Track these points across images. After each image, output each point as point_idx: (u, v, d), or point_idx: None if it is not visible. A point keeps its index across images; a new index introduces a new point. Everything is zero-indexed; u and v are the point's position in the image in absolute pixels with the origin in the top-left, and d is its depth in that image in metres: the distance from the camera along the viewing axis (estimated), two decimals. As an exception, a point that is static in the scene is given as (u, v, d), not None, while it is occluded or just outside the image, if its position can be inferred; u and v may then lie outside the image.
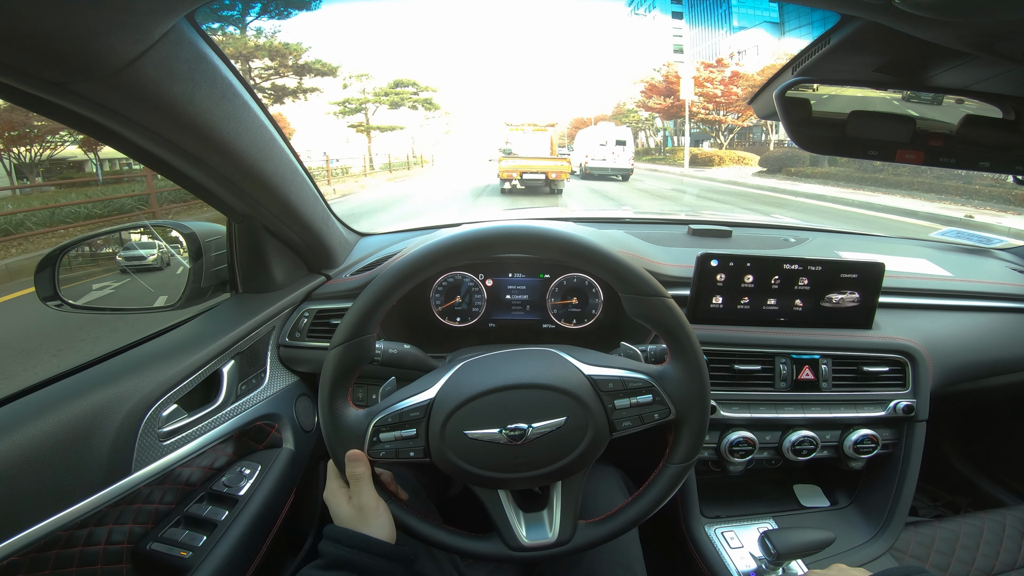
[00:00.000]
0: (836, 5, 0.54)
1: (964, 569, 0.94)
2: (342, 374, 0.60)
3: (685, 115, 22.99)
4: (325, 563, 0.58)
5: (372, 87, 24.05)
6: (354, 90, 23.64)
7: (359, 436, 0.61)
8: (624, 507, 0.63)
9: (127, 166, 12.75)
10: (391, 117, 24.99)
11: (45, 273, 0.87)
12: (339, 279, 1.05)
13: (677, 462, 0.62)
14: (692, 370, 0.60)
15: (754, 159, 20.56)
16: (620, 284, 0.60)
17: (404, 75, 26.52)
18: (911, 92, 0.74)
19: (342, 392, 0.61)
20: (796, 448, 0.94)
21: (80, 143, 12.90)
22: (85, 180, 12.42)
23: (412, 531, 0.63)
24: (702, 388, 0.61)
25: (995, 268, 1.24)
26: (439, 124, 28.56)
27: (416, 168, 25.63)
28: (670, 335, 0.60)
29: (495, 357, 0.65)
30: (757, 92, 0.88)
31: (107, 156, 13.54)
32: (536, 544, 0.61)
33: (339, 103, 23.49)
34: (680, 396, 0.61)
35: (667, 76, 25.27)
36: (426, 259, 0.60)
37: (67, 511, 0.62)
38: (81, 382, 0.70)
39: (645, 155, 29.83)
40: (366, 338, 0.60)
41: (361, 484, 0.61)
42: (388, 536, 0.61)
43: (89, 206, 7.86)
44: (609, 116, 33.03)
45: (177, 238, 0.96)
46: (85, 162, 14.18)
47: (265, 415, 0.92)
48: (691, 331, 0.60)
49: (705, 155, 22.75)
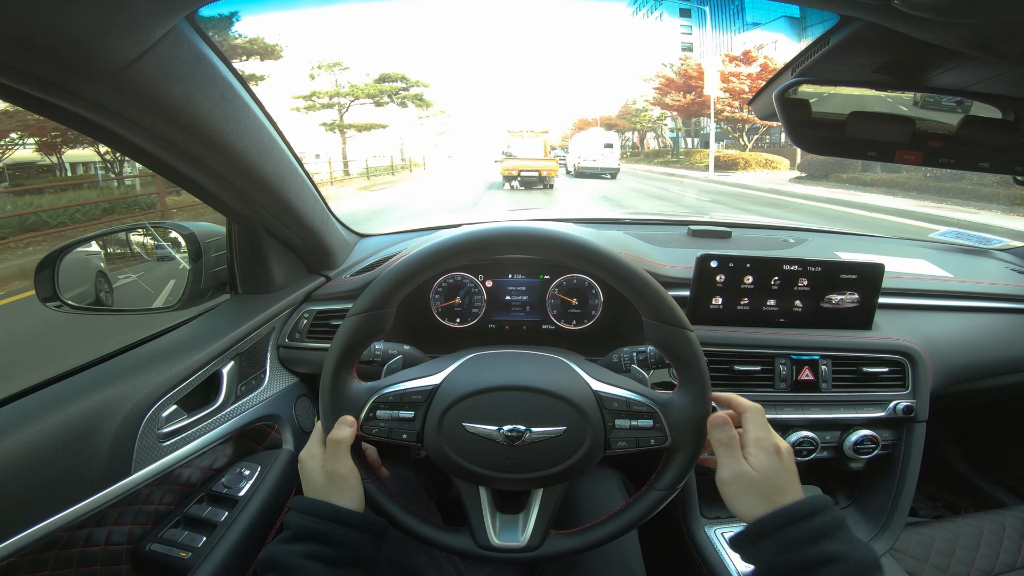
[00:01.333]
0: (836, 5, 0.54)
1: (964, 569, 0.94)
2: (355, 343, 0.59)
3: (710, 112, 21.15)
4: (291, 535, 0.55)
5: (349, 80, 21.58)
6: (325, 82, 21.28)
7: (356, 408, 0.61)
8: (599, 523, 0.63)
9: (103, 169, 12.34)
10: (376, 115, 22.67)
11: (45, 274, 0.87)
12: (339, 280, 1.05)
13: (661, 488, 0.61)
14: (698, 406, 0.60)
15: (783, 162, 18.93)
16: (647, 309, 0.59)
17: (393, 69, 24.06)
18: (911, 93, 0.74)
19: (349, 361, 0.60)
20: (796, 449, 0.94)
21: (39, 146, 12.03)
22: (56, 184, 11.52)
23: (383, 513, 0.62)
24: (703, 423, 0.60)
25: (995, 268, 1.24)
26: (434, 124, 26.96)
27: (404, 173, 23.05)
28: (686, 368, 0.60)
29: (505, 355, 0.65)
30: (757, 93, 0.88)
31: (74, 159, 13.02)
32: (504, 546, 0.61)
33: (305, 96, 21.04)
34: (680, 427, 0.60)
35: (685, 71, 23.52)
36: (468, 244, 0.60)
37: (67, 512, 0.62)
38: (81, 383, 0.70)
39: (656, 157, 28.49)
40: (386, 311, 0.60)
41: (340, 449, 0.59)
42: (357, 506, 0.59)
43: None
44: (615, 116, 32.40)
45: (177, 239, 0.96)
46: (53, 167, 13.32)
47: (265, 416, 0.92)
48: (706, 368, 0.60)
49: (728, 157, 20.47)
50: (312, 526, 0.55)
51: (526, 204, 11.67)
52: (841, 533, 0.50)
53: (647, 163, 28.28)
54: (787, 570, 0.49)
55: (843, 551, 0.48)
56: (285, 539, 0.55)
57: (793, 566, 0.49)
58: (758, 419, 0.57)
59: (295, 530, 0.55)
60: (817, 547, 0.48)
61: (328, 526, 0.55)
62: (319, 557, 0.54)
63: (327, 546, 0.55)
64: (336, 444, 0.59)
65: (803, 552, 0.49)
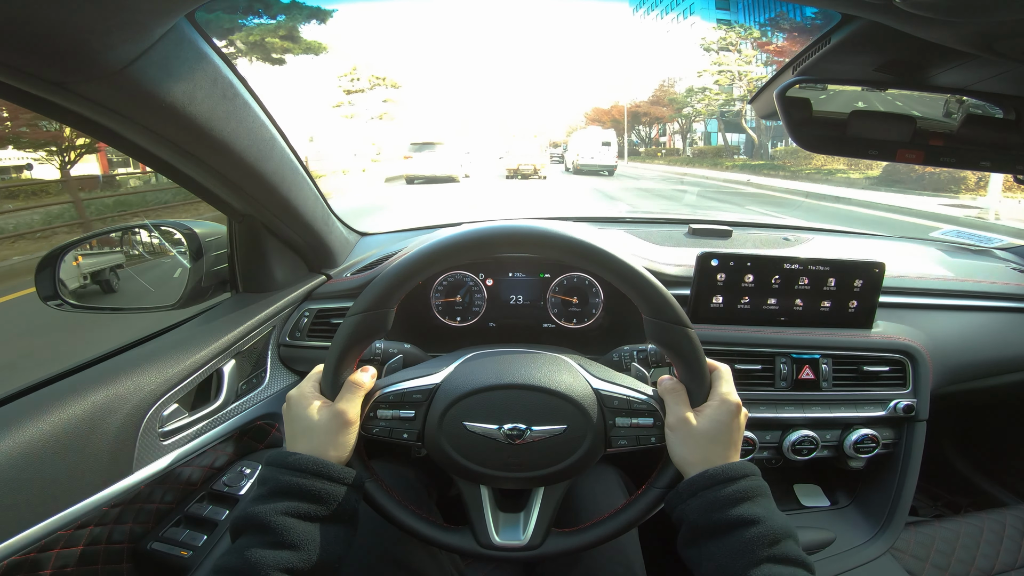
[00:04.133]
0: (836, 5, 0.54)
1: (964, 569, 0.94)
2: (355, 342, 0.59)
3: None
4: (268, 491, 0.52)
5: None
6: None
7: None
8: (600, 521, 0.63)
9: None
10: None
11: (45, 273, 0.87)
12: (340, 279, 1.05)
13: (661, 487, 0.62)
14: (698, 403, 0.60)
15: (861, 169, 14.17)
16: (646, 307, 0.59)
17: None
18: (911, 92, 0.74)
19: (349, 361, 0.60)
20: (796, 448, 0.94)
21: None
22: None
23: (383, 511, 0.62)
24: None
25: (995, 268, 1.24)
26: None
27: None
28: (686, 366, 0.60)
29: (506, 355, 0.65)
30: (757, 92, 0.88)
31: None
32: (506, 545, 0.61)
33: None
34: None
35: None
36: (468, 243, 0.59)
37: (68, 511, 0.62)
38: (81, 382, 0.70)
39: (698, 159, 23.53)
40: (386, 311, 0.60)
41: (356, 392, 0.57)
42: (345, 459, 0.57)
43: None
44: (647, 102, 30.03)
45: (178, 238, 0.96)
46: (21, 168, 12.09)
47: (265, 414, 0.92)
48: (707, 366, 0.60)
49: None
50: (291, 480, 0.52)
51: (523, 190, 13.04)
52: (763, 500, 0.53)
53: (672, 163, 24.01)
54: (709, 527, 0.52)
55: (761, 515, 0.51)
56: (261, 496, 0.52)
57: (715, 523, 0.52)
58: (726, 377, 0.60)
59: (272, 486, 0.52)
60: (737, 508, 0.51)
61: (308, 480, 0.52)
62: (299, 514, 0.51)
63: (307, 502, 0.52)
64: (357, 385, 0.58)
65: (725, 511, 0.51)
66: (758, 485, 0.54)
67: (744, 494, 0.52)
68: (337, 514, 0.53)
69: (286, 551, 0.49)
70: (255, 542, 0.49)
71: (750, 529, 0.50)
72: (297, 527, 0.50)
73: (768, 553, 0.49)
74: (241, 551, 0.48)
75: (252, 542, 0.49)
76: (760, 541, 0.49)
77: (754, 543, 0.49)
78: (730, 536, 0.51)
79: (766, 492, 0.54)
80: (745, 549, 0.49)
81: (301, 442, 0.56)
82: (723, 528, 0.51)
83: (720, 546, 0.51)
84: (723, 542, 0.51)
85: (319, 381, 0.60)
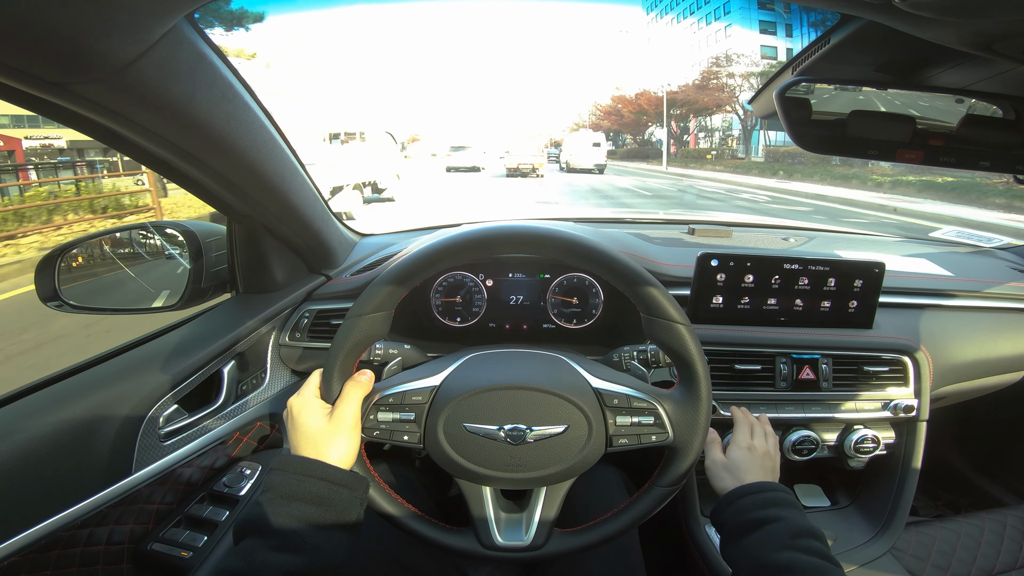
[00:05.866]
0: (836, 5, 0.54)
1: (964, 569, 0.94)
2: (355, 345, 0.59)
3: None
4: (272, 495, 0.52)
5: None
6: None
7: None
8: (602, 521, 0.63)
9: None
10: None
11: (45, 273, 0.87)
12: (340, 279, 1.05)
13: (664, 485, 0.62)
14: (697, 400, 0.60)
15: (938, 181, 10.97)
16: (644, 305, 0.59)
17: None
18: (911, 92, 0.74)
19: (349, 364, 0.60)
20: (796, 448, 0.94)
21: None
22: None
23: (385, 514, 0.62)
24: (703, 418, 0.61)
25: (996, 267, 1.24)
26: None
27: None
28: (684, 363, 0.60)
29: (505, 355, 0.65)
30: (757, 92, 0.88)
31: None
32: (509, 545, 0.61)
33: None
34: (680, 423, 0.61)
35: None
36: (468, 243, 0.59)
37: (68, 511, 0.62)
38: (82, 382, 0.70)
39: (769, 165, 18.34)
40: (386, 313, 0.60)
41: (356, 396, 0.58)
42: (348, 463, 0.57)
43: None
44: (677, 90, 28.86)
45: (178, 238, 0.96)
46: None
47: (265, 415, 0.92)
48: (704, 363, 0.60)
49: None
50: (295, 484, 0.52)
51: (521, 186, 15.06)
52: (787, 506, 0.63)
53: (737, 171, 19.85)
54: (740, 526, 0.62)
55: (783, 515, 0.60)
56: (265, 500, 0.52)
57: (744, 523, 0.62)
58: (741, 426, 0.79)
59: (275, 490, 0.52)
60: (764, 511, 0.62)
61: (311, 483, 0.52)
62: (303, 517, 0.51)
63: (311, 505, 0.51)
64: (357, 389, 0.58)
65: (753, 513, 0.62)
66: (783, 496, 0.64)
67: (771, 501, 0.63)
68: (340, 517, 0.53)
69: (290, 554, 0.49)
70: (259, 545, 0.49)
71: (774, 525, 0.59)
72: (301, 530, 0.50)
73: (791, 543, 0.56)
74: (245, 554, 0.48)
75: (256, 545, 0.49)
76: (783, 534, 0.58)
77: (778, 535, 0.58)
78: (758, 531, 0.59)
79: (792, 500, 0.64)
80: (771, 540, 0.58)
81: (304, 447, 0.56)
82: (752, 526, 0.60)
83: (751, 541, 0.59)
84: (753, 537, 0.59)
85: (319, 386, 0.60)
